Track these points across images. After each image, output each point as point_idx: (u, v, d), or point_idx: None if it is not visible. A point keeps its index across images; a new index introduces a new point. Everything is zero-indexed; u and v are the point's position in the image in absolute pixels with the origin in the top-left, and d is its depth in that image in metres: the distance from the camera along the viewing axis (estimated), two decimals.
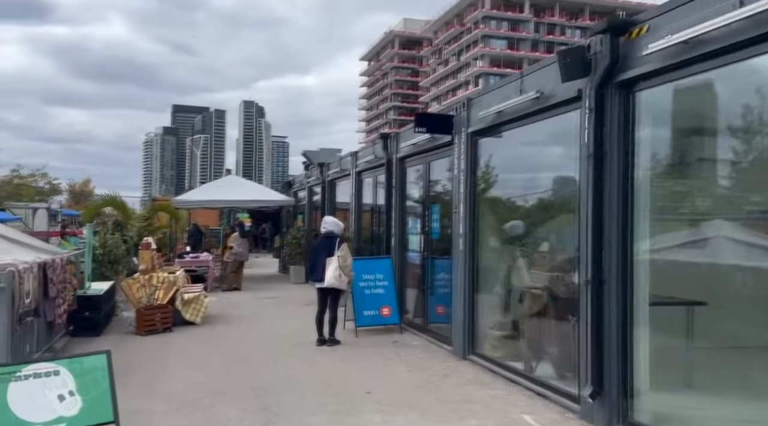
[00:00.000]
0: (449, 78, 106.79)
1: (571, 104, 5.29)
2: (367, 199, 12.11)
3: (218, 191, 17.33)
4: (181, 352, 7.90)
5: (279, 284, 16.61)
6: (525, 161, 6.74)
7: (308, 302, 12.78)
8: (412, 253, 9.31)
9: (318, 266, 8.11)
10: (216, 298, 13.35)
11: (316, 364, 7.26)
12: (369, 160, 11.26)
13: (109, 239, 11.34)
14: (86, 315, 8.96)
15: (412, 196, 9.48)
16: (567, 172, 5.68)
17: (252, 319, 10.66)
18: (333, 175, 14.44)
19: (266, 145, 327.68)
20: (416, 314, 9.34)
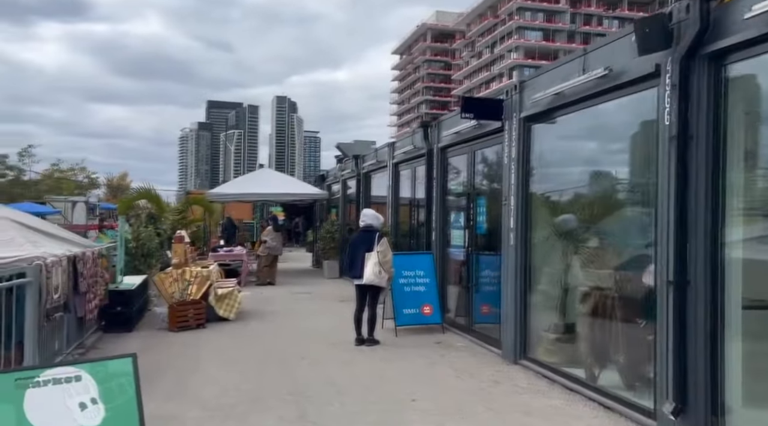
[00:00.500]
0: (482, 71, 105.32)
1: (647, 81, 4.67)
2: (405, 191, 11.61)
3: (252, 184, 17.07)
4: (214, 350, 7.56)
5: (313, 279, 16.27)
6: (586, 148, 6.12)
7: (343, 298, 12.38)
8: (455, 249, 8.77)
9: (356, 262, 7.66)
10: (250, 292, 13.07)
11: (355, 365, 6.81)
12: (407, 151, 10.74)
13: (143, 232, 11.12)
14: (118, 310, 8.70)
15: (455, 188, 8.94)
16: (638, 159, 5.07)
17: (286, 315, 10.29)
18: (368, 167, 13.97)
19: (298, 140, 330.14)
20: (459, 313, 8.81)
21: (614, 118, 5.48)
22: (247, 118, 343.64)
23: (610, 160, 5.74)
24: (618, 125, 5.51)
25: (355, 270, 7.68)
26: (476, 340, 7.84)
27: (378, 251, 7.51)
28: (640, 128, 4.96)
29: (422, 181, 10.00)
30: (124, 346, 7.80)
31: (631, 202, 5.39)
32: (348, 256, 7.94)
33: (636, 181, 5.28)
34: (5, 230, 7.04)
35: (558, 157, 6.51)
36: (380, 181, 13.52)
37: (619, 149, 5.59)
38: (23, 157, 44.30)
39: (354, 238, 8.00)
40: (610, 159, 5.73)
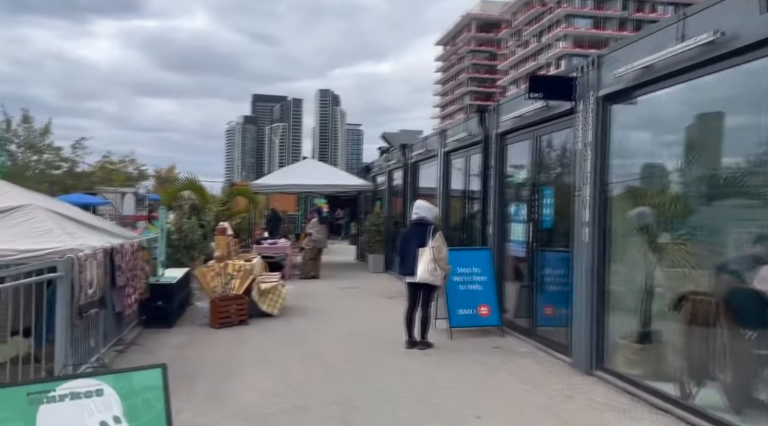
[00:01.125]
0: (529, 60, 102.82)
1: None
2: (456, 182, 10.89)
3: (296, 175, 16.65)
4: (256, 351, 7.07)
5: (357, 273, 15.76)
6: (680, 128, 5.29)
7: (390, 294, 11.80)
8: (515, 244, 8.03)
9: (408, 258, 7.03)
10: (293, 286, 12.63)
11: (407, 372, 6.20)
12: (460, 139, 10.02)
13: (185, 223, 10.79)
14: (158, 304, 8.35)
15: (515, 178, 8.19)
16: (753, 139, 4.25)
17: (331, 312, 9.77)
18: (416, 157, 13.30)
19: (341, 132, 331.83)
20: (518, 314, 8.08)
21: (721, 93, 4.66)
22: (291, 112, 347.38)
23: (711, 142, 4.91)
24: (726, 100, 4.68)
25: (407, 266, 7.06)
26: (540, 345, 7.11)
27: (432, 247, 6.87)
28: (756, 102, 4.14)
29: (477, 171, 9.28)
30: (164, 343, 7.44)
31: (740, 193, 4.56)
32: (399, 251, 7.32)
33: (747, 165, 4.46)
34: (42, 221, 6.71)
35: (645, 141, 5.71)
36: (429, 172, 12.83)
37: (727, 128, 4.76)
38: (76, 149, 45.38)
39: (405, 231, 7.36)
40: (711, 140, 4.90)
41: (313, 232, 14.30)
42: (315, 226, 14.47)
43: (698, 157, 4.98)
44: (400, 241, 7.31)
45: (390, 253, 16.07)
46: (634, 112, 5.68)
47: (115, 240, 7.74)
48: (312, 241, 14.31)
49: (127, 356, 6.79)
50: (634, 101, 5.63)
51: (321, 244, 14.40)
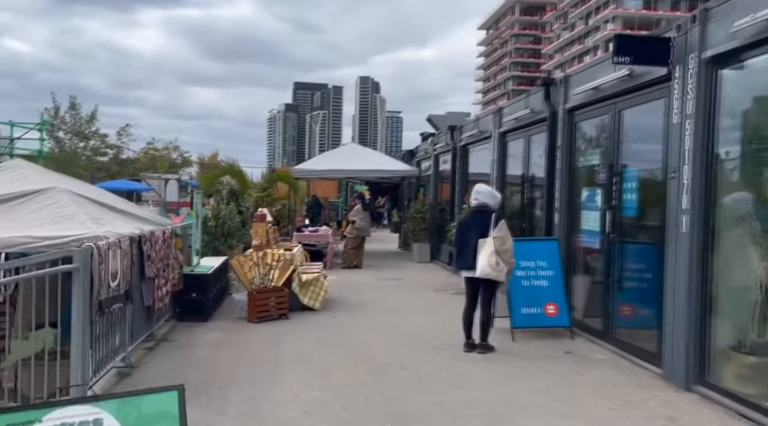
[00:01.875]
0: (575, 44, 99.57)
1: None
2: (514, 166, 9.94)
3: (338, 160, 15.95)
4: (297, 352, 6.37)
5: (401, 263, 14.99)
6: None
7: (439, 287, 10.98)
8: (587, 235, 7.07)
9: (467, 250, 6.19)
10: (336, 276, 11.95)
11: (470, 383, 5.38)
12: (520, 117, 9.06)
13: (223, 209, 10.22)
14: (193, 297, 7.77)
15: (589, 159, 7.20)
16: None
17: (377, 306, 9.02)
18: (467, 139, 12.37)
19: (381, 120, 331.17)
20: (587, 313, 7.16)
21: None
22: (332, 99, 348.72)
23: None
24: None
25: (465, 259, 6.22)
26: (619, 350, 6.17)
27: (495, 237, 6.00)
28: None
29: (540, 152, 8.32)
30: (197, 339, 6.84)
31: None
32: (456, 241, 6.46)
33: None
34: (66, 205, 6.14)
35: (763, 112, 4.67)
36: (481, 155, 11.90)
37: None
38: (121, 136, 46.02)
39: (464, 220, 6.49)
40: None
41: (357, 219, 13.58)
42: (358, 213, 13.75)
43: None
44: (458, 231, 6.45)
45: (436, 242, 15.24)
46: (755, 75, 4.66)
47: (147, 226, 7.15)
48: (355, 228, 13.60)
49: (156, 354, 6.21)
50: (753, 64, 4.61)
51: (364, 233, 13.67)
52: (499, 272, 5.99)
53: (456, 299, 9.73)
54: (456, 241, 6.43)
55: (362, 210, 13.75)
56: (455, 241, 6.48)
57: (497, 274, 5.99)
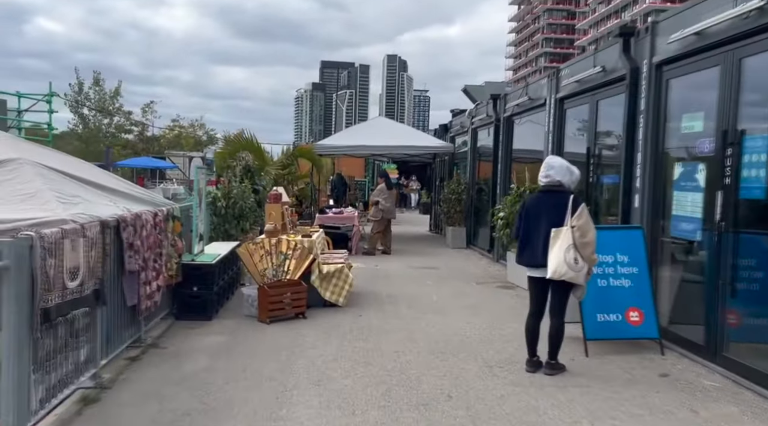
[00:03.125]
0: (611, 18, 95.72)
1: None
2: (575, 138, 8.42)
3: (365, 135, 14.52)
4: (315, 368, 5.07)
5: (434, 248, 13.62)
6: None
7: (480, 278, 9.59)
8: (683, 222, 5.57)
9: (534, 241, 4.77)
10: (362, 264, 10.68)
11: (544, 420, 4.00)
12: (585, 78, 7.52)
13: (235, 188, 8.94)
14: (194, 291, 6.54)
15: (686, 125, 5.66)
16: None
17: (410, 302, 7.68)
18: (513, 109, 10.83)
19: (408, 99, 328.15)
20: (683, 321, 5.70)
21: None
22: (359, 78, 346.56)
23: None
24: None
25: (532, 254, 4.80)
26: (735, 375, 4.71)
27: (573, 226, 4.57)
28: None
29: (614, 119, 6.81)
30: (194, 345, 5.61)
31: None
32: (518, 230, 5.01)
33: None
34: (28, 180, 4.94)
35: None
36: (530, 127, 10.38)
37: None
38: (146, 113, 45.30)
39: (529, 202, 5.01)
40: None
41: (380, 199, 12.21)
42: (382, 193, 12.35)
43: None
44: (521, 217, 5.00)
45: (473, 226, 13.81)
46: None
47: (138, 207, 5.92)
48: (379, 210, 12.23)
49: (140, 366, 4.98)
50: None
51: (390, 214, 12.29)
52: (577, 272, 4.56)
53: (502, 294, 8.35)
54: (518, 230, 4.98)
55: (386, 189, 12.36)
56: (516, 229, 5.03)
57: (575, 274, 4.56)
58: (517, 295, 8.23)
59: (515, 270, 8.96)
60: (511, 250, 9.10)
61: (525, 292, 8.61)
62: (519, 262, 4.94)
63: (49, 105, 15.11)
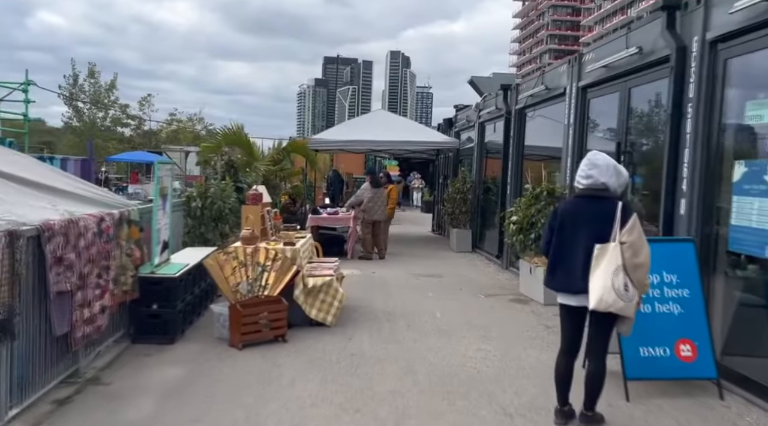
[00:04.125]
0: (617, 15, 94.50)
1: None
2: (601, 131, 7.38)
3: (364, 129, 13.47)
4: (288, 414, 4.04)
5: (437, 251, 12.58)
6: None
7: (488, 289, 8.52)
8: (747, 234, 4.51)
9: (571, 260, 3.71)
10: (357, 270, 9.67)
11: None
12: (614, 63, 6.46)
13: (212, 186, 7.90)
14: (153, 309, 5.52)
15: (752, 114, 4.60)
16: None
17: (410, 320, 6.65)
18: (527, 100, 9.77)
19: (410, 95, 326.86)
20: (734, 354, 4.66)
21: None
22: (362, 74, 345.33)
23: None
24: None
25: (568, 277, 3.72)
26: None
27: (623, 243, 3.51)
28: None
29: (651, 110, 5.76)
30: (145, 381, 4.57)
31: None
32: (549, 244, 3.89)
33: None
34: None
35: None
36: (545, 122, 9.33)
37: None
38: (143, 106, 44.22)
39: (565, 209, 3.88)
40: None
41: (363, 199, 11.15)
42: (365, 192, 11.29)
43: None
44: (551, 227, 3.89)
45: (479, 228, 12.76)
46: None
47: (88, 208, 4.91)
48: (361, 211, 11.18)
49: (67, 414, 3.94)
50: None
51: (373, 216, 11.19)
52: (628, 302, 3.51)
53: (515, 310, 7.30)
54: (548, 244, 3.89)
55: (371, 188, 11.29)
56: (546, 243, 3.94)
57: (625, 304, 3.50)
58: (532, 312, 7.19)
59: (528, 280, 7.92)
60: (525, 259, 8.08)
61: (542, 308, 7.60)
62: (550, 285, 3.88)
63: (26, 94, 13.99)
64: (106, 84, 39.82)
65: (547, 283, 3.92)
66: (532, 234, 7.65)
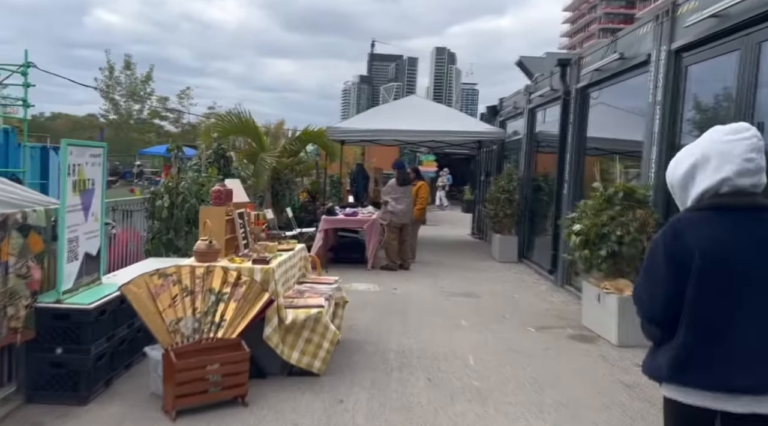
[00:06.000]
0: None
1: None
2: (704, 110, 5.32)
3: (393, 117, 11.61)
4: None
5: (475, 261, 10.63)
6: None
7: (541, 318, 6.27)
8: None
9: (743, 333, 1.78)
10: (376, 285, 7.90)
11: None
12: (732, 10, 4.42)
13: (184, 179, 6.24)
14: (57, 354, 3.85)
15: None
16: None
17: (431, 368, 4.79)
18: (592, 77, 7.73)
19: (455, 92, 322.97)
20: None
21: None
22: (406, 71, 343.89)
23: None
24: None
25: (736, 364, 1.78)
26: None
27: None
28: None
29: None
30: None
31: None
32: (670, 305, 1.89)
33: None
34: None
35: None
36: (617, 101, 7.30)
37: None
38: (182, 99, 43.58)
39: (708, 234, 1.80)
40: None
41: (389, 199, 9.30)
42: (393, 191, 9.44)
43: None
44: (674, 273, 1.86)
45: (526, 235, 10.77)
46: None
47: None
48: (388, 212, 9.33)
49: None
50: None
51: (402, 219, 9.36)
52: None
53: (578, 354, 5.26)
54: (668, 305, 1.90)
55: (397, 186, 9.43)
56: (665, 303, 1.88)
57: None
58: (602, 358, 5.22)
59: (595, 310, 5.94)
60: (590, 281, 6.10)
61: (614, 351, 5.42)
62: (683, 380, 1.93)
63: (25, 77, 12.63)
64: (141, 76, 39.29)
65: (671, 374, 1.96)
66: (603, 250, 5.66)
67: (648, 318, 2.01)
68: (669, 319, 1.92)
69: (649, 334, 2.01)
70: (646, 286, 1.98)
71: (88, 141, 4.99)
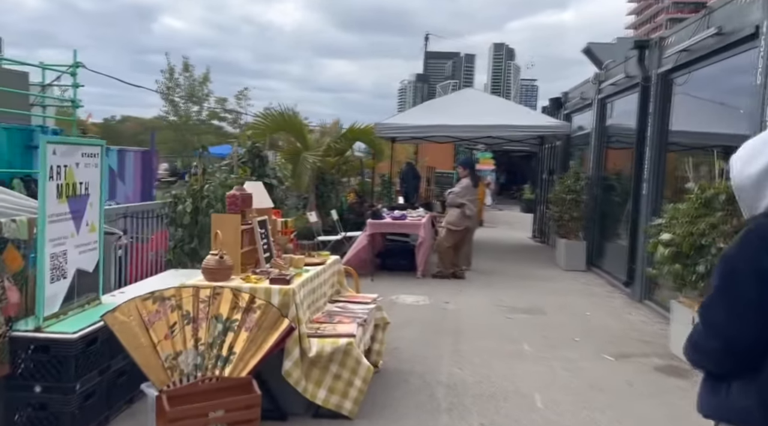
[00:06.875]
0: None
1: None
2: None
3: (447, 113, 10.72)
4: None
5: (538, 269, 9.59)
6: None
7: (618, 342, 5.12)
8: None
9: None
10: (425, 297, 7.09)
11: None
12: None
13: (212, 180, 5.61)
14: (36, 393, 3.24)
15: None
16: None
17: (489, 414, 3.93)
18: (677, 59, 6.61)
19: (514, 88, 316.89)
20: None
21: None
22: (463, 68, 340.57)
23: None
24: None
25: None
26: None
27: None
28: None
29: None
30: None
31: None
32: (756, 347, 1.39)
33: None
34: None
35: None
36: (708, 89, 6.17)
37: None
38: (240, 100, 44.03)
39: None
40: None
41: (465, 201, 8.40)
42: (467, 192, 8.53)
43: None
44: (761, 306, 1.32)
45: (596, 239, 9.67)
46: None
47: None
48: (466, 217, 8.43)
49: None
50: None
51: (475, 224, 8.46)
52: None
53: (669, 394, 4.11)
54: (753, 346, 1.42)
55: (472, 186, 8.51)
56: (746, 341, 1.47)
57: None
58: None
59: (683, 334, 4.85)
60: (682, 301, 5.06)
61: None
62: None
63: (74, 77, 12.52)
64: (199, 77, 39.84)
65: None
66: (701, 265, 4.61)
67: (726, 349, 1.59)
68: (754, 349, 1.48)
69: (718, 366, 1.67)
70: (726, 310, 1.55)
71: (85, 138, 4.40)
